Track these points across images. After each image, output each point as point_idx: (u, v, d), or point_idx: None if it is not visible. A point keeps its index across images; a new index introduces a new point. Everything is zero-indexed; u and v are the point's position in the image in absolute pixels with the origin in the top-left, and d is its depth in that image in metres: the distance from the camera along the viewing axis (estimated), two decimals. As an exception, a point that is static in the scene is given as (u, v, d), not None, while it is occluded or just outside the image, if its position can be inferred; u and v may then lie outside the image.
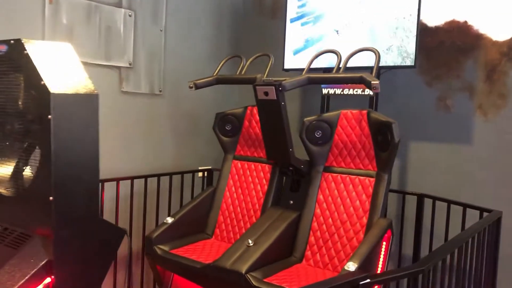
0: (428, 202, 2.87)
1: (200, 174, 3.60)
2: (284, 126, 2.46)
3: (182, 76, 3.48)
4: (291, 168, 2.68)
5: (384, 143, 2.38)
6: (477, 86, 2.96)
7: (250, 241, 2.38)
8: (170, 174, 3.21)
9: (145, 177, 3.07)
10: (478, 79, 2.96)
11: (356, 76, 2.26)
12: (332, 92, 3.10)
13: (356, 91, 2.99)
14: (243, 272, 2.21)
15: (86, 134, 1.26)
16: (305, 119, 2.66)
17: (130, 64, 3.22)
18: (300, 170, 2.65)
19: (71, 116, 1.29)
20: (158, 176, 3.14)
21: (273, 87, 2.38)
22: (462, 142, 3.00)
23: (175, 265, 2.51)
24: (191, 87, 2.83)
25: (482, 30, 2.95)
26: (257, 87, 2.44)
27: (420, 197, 2.88)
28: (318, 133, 2.62)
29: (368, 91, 2.95)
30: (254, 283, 2.19)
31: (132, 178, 2.99)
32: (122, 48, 3.16)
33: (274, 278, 2.27)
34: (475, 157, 2.95)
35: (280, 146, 2.53)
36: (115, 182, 2.88)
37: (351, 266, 2.03)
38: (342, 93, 3.05)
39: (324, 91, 3.14)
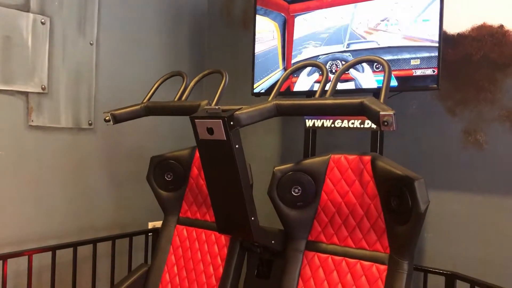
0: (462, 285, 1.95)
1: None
2: (239, 182, 1.54)
3: (122, 103, 2.58)
4: (257, 243, 1.75)
5: (401, 211, 1.46)
6: (522, 114, 2.09)
7: None
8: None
9: (73, 245, 2.17)
10: (523, 104, 2.09)
11: (354, 103, 1.36)
12: (319, 125, 2.22)
13: (353, 123, 2.11)
14: None
15: None
16: (276, 168, 1.75)
17: (43, 89, 2.32)
18: (269, 246, 1.73)
19: None
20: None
21: (220, 121, 1.47)
22: (502, 193, 2.11)
23: None
24: (107, 121, 1.91)
25: (526, 37, 2.10)
26: (196, 120, 1.54)
27: (451, 279, 1.95)
28: (296, 190, 1.71)
29: (369, 122, 2.07)
30: None
31: (53, 249, 2.09)
32: (31, 66, 2.27)
33: None
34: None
35: (235, 213, 1.61)
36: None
37: None
38: (333, 125, 2.17)
39: (308, 123, 2.26)
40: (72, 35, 2.42)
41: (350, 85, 2.15)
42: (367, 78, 2.12)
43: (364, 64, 2.08)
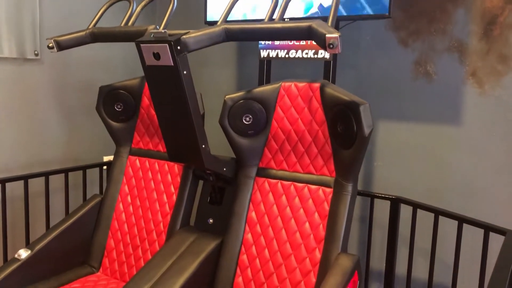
0: (406, 209, 2.06)
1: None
2: (188, 110, 1.53)
3: (71, 30, 2.45)
4: (209, 171, 1.77)
5: (346, 135, 1.50)
6: (470, 45, 2.13)
7: (137, 296, 1.49)
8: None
9: (24, 178, 2.11)
10: (472, 35, 2.13)
11: (302, 27, 1.34)
12: (274, 55, 2.21)
13: (307, 53, 2.11)
14: None
15: None
16: (227, 96, 1.74)
17: (-20, 15, 2.16)
18: (221, 174, 1.75)
19: None
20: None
21: (167, 45, 1.43)
22: (448, 122, 2.20)
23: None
24: (51, 48, 1.82)
25: (479, -34, 2.10)
26: (142, 45, 1.49)
27: (395, 202, 2.06)
28: (247, 119, 1.72)
29: (323, 53, 2.07)
30: None
31: (2, 182, 2.03)
32: (-37, -11, 2.10)
33: None
34: (467, 143, 2.15)
35: (185, 141, 1.60)
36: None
37: None
38: (287, 56, 2.16)
39: (263, 53, 2.24)
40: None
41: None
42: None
43: None
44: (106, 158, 2.73)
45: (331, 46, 1.23)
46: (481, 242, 1.72)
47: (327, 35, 1.23)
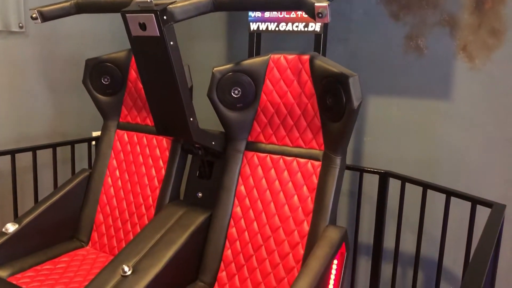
0: (394, 183, 2.07)
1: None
2: (175, 82, 1.50)
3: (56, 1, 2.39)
4: (197, 145, 1.76)
5: (335, 108, 1.49)
6: (461, 19, 2.11)
7: (126, 268, 1.49)
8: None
9: (11, 152, 2.08)
10: (463, 9, 2.11)
11: (291, -4, 1.32)
12: (264, 28, 2.17)
13: (297, 26, 2.08)
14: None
15: None
16: (215, 69, 1.71)
17: (-39, -15, 2.10)
18: (210, 148, 1.74)
19: None
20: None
21: (153, 15, 1.40)
22: (438, 97, 2.19)
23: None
24: (34, 18, 1.78)
25: None
26: (127, 15, 1.45)
27: (384, 176, 2.06)
28: (236, 92, 1.69)
29: (313, 26, 2.04)
30: None
31: None
32: None
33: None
34: (457, 117, 2.16)
35: (173, 114, 1.58)
36: None
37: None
38: (277, 29, 2.13)
39: (252, 26, 2.20)
40: None
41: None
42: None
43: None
44: (95, 133, 2.70)
45: (320, 15, 1.21)
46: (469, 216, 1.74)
47: (316, 4, 1.21)
